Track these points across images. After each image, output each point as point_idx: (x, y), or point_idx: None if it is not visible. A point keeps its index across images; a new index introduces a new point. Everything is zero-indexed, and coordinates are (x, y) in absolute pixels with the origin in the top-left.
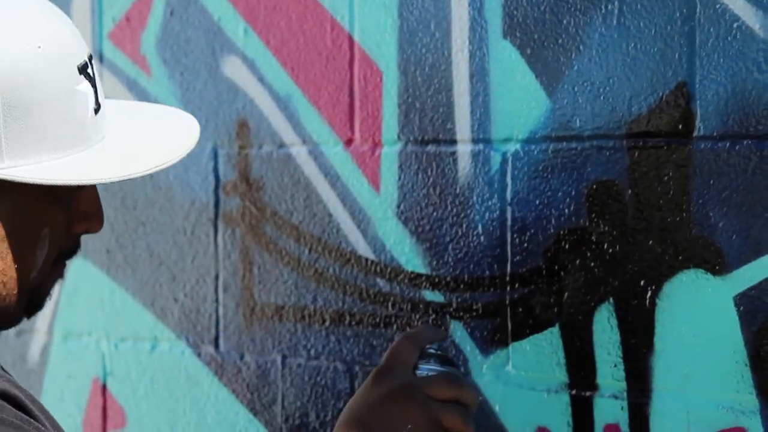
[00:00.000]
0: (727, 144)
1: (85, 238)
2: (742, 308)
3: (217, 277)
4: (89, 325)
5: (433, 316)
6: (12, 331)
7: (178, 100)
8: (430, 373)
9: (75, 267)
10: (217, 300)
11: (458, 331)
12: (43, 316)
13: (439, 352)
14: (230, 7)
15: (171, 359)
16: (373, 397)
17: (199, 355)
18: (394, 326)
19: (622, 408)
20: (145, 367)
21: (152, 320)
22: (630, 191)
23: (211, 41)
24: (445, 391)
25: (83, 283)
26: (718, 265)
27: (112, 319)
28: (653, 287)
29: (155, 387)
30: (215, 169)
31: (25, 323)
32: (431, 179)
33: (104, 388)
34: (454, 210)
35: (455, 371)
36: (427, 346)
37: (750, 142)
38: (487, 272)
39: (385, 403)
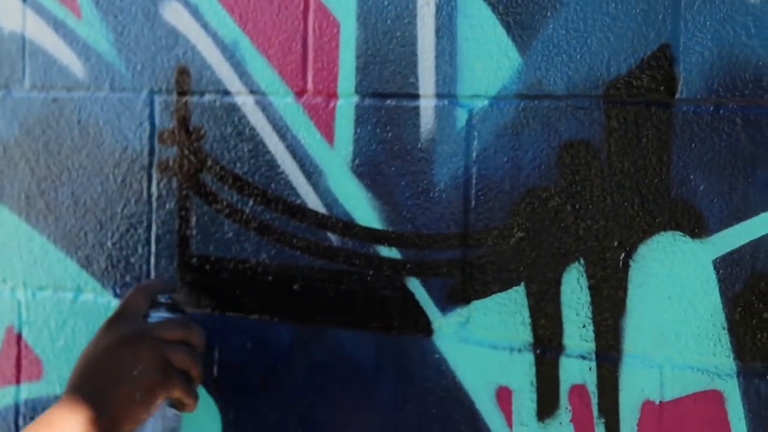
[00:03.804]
0: (711, 108)
1: (1, 182)
2: (721, 272)
3: (149, 227)
4: (3, 272)
5: (389, 272)
6: None
7: (110, 44)
8: (160, 320)
9: None
10: (149, 250)
11: (416, 289)
12: None
13: (169, 301)
14: None
15: (95, 310)
16: (105, 343)
17: None
18: (347, 281)
19: (590, 369)
20: (66, 318)
21: (75, 269)
22: (605, 152)
23: None
24: (173, 332)
25: None
26: (697, 228)
27: (30, 267)
28: (627, 248)
29: (77, 338)
30: (151, 116)
31: None
32: (390, 134)
33: (19, 337)
34: (415, 166)
35: (183, 317)
36: (158, 296)
37: (735, 106)
38: (448, 229)
39: (117, 346)
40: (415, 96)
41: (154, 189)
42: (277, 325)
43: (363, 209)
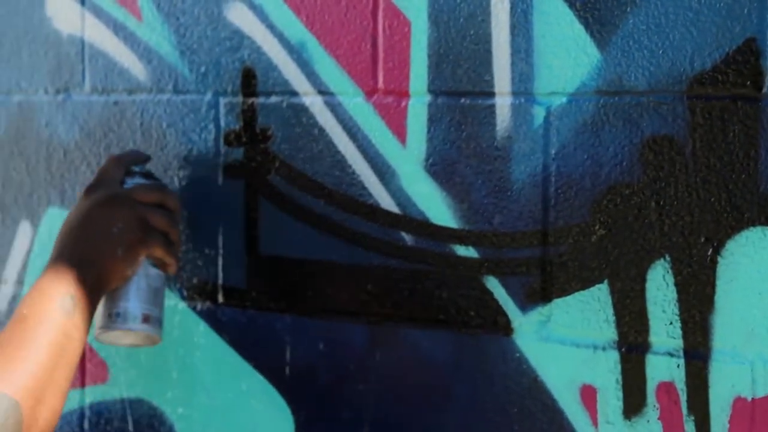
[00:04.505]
0: None
1: (62, 185)
2: None
3: (216, 228)
4: None
5: (466, 271)
6: None
7: (173, 46)
8: (136, 184)
9: (50, 215)
10: (216, 252)
11: (494, 288)
12: (12, 266)
13: (143, 171)
14: None
15: None
16: (84, 207)
17: (194, 308)
18: (423, 281)
19: (678, 366)
20: None
21: None
22: (690, 148)
23: None
24: (149, 195)
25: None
26: None
27: None
28: (714, 244)
29: None
30: (216, 118)
31: None
32: (465, 133)
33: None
34: (491, 164)
35: (158, 182)
36: (132, 167)
37: None
38: (527, 227)
39: (96, 208)
40: (491, 94)
41: (220, 190)
42: (350, 326)
43: (438, 208)
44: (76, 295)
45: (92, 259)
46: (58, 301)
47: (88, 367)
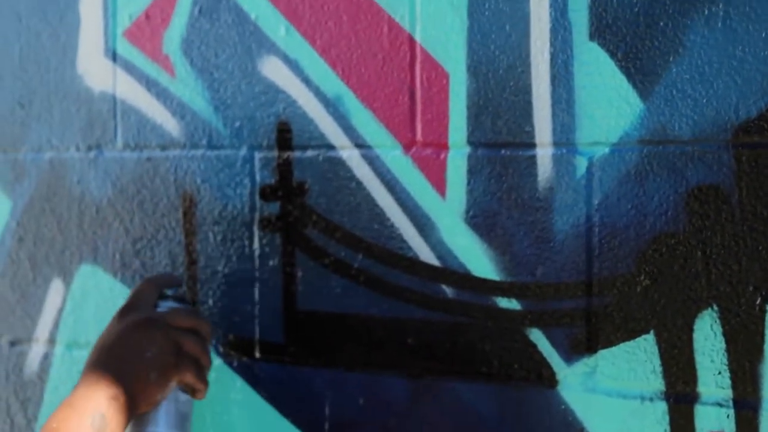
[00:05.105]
0: None
1: (94, 242)
2: None
3: (253, 284)
4: (99, 333)
5: (509, 323)
6: (4, 340)
7: (206, 101)
8: (170, 309)
9: (82, 273)
10: (253, 307)
11: (538, 340)
12: (44, 324)
13: (177, 294)
14: (269, 6)
15: None
16: (118, 329)
17: (231, 364)
18: (464, 334)
19: (728, 416)
20: None
21: None
22: (736, 196)
23: (247, 41)
24: (183, 320)
25: (92, 290)
26: None
27: None
28: (763, 293)
29: None
30: (251, 173)
31: (21, 332)
32: (506, 184)
33: None
34: (533, 216)
35: (192, 308)
36: (166, 290)
37: None
38: (571, 278)
39: (130, 331)
40: (531, 145)
41: (256, 246)
42: (390, 380)
43: (479, 261)
44: (107, 415)
45: (125, 381)
46: (89, 419)
47: None
